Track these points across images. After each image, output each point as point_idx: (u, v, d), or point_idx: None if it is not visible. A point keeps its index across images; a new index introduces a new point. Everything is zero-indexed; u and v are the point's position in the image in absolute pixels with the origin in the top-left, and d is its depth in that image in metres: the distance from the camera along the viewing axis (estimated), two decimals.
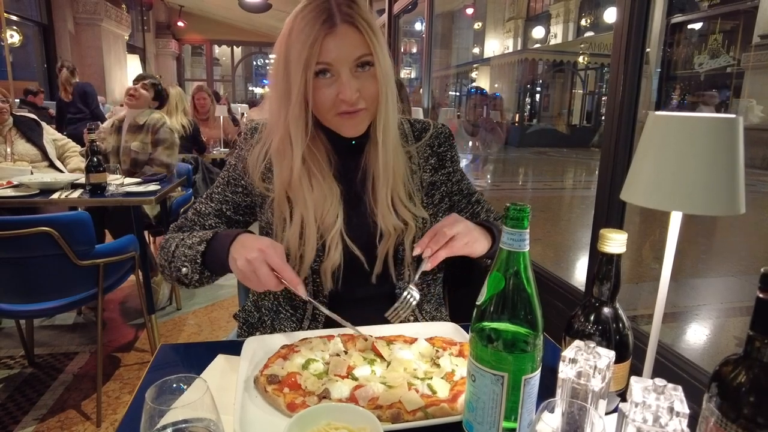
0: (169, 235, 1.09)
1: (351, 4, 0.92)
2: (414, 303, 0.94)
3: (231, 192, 1.09)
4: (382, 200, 1.02)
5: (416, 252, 0.95)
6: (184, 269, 0.97)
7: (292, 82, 0.92)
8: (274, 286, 0.87)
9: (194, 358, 0.89)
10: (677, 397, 0.55)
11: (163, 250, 1.06)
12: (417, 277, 0.96)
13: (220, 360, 0.87)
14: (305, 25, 0.90)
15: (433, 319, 1.12)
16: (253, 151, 1.05)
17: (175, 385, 0.57)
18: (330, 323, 1.01)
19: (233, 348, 0.91)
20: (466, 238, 0.94)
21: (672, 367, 0.98)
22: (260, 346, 0.89)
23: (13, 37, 7.82)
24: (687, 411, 0.53)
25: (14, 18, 7.91)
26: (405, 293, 0.95)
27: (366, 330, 0.93)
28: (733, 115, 0.65)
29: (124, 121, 3.05)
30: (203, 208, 1.10)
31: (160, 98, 3.18)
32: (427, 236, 0.94)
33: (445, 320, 1.15)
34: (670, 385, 0.56)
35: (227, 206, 1.09)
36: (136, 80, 3.10)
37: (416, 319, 1.09)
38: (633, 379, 0.59)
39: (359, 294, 1.06)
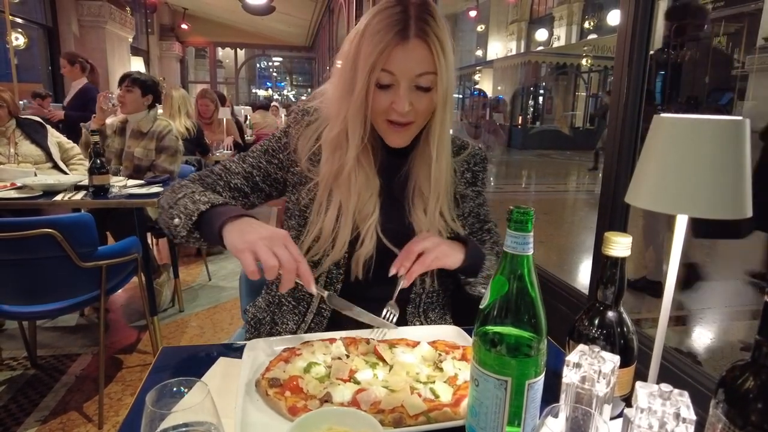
0: (186, 181, 1.09)
1: (428, 19, 0.93)
2: (394, 319, 0.96)
3: (266, 161, 1.10)
4: (419, 206, 1.04)
5: (392, 272, 0.96)
6: (176, 220, 0.96)
7: (357, 81, 0.95)
8: (290, 271, 0.85)
9: (196, 360, 0.88)
10: (683, 402, 0.54)
11: (171, 193, 1.05)
12: (396, 295, 0.98)
13: (222, 363, 0.86)
14: (380, 29, 0.92)
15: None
16: (305, 133, 1.08)
17: (175, 389, 0.57)
18: (333, 318, 1.01)
19: (235, 351, 0.90)
20: (434, 253, 0.96)
21: (677, 372, 0.97)
22: (262, 349, 0.89)
23: (18, 40, 7.84)
24: (693, 417, 0.52)
25: (19, 21, 7.94)
26: (384, 311, 0.97)
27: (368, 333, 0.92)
28: (740, 117, 0.65)
29: (127, 123, 3.04)
30: (233, 167, 1.10)
31: (151, 91, 3.00)
32: (400, 255, 0.97)
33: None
34: (676, 391, 0.55)
35: (258, 172, 1.10)
36: (120, 83, 2.99)
37: (421, 324, 1.09)
38: (638, 384, 0.58)
39: (379, 292, 1.05)
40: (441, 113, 0.98)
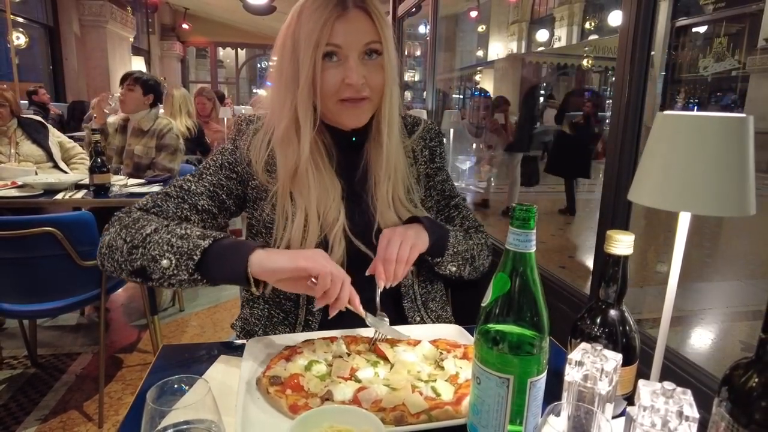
0: (139, 212, 0.94)
1: None
2: (387, 322, 0.92)
3: (225, 176, 1.02)
4: (382, 198, 1.00)
5: (388, 285, 0.93)
6: (165, 261, 0.83)
7: (301, 64, 0.91)
8: (345, 298, 0.83)
9: (196, 358, 0.88)
10: (686, 401, 0.54)
11: (124, 228, 0.89)
12: (378, 301, 0.94)
13: (223, 361, 0.86)
14: (317, 8, 0.90)
15: (438, 318, 1.11)
16: (254, 141, 1.02)
17: (176, 386, 0.56)
18: (325, 327, 0.99)
19: (236, 349, 0.90)
20: (408, 244, 0.93)
21: (679, 371, 0.96)
22: (263, 348, 0.88)
23: (20, 39, 7.85)
24: (696, 415, 0.52)
25: (20, 20, 7.95)
26: (378, 324, 0.91)
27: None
28: (743, 114, 0.64)
29: (128, 122, 3.04)
30: (193, 187, 0.99)
31: (153, 90, 3.00)
32: (379, 264, 0.92)
33: (450, 319, 1.14)
34: (679, 389, 0.55)
35: (221, 190, 1.01)
36: (121, 82, 2.99)
37: (422, 319, 1.09)
38: (641, 382, 0.58)
39: (362, 296, 1.04)
40: (389, 90, 0.96)
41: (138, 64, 11.84)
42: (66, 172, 3.00)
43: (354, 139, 1.03)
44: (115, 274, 0.89)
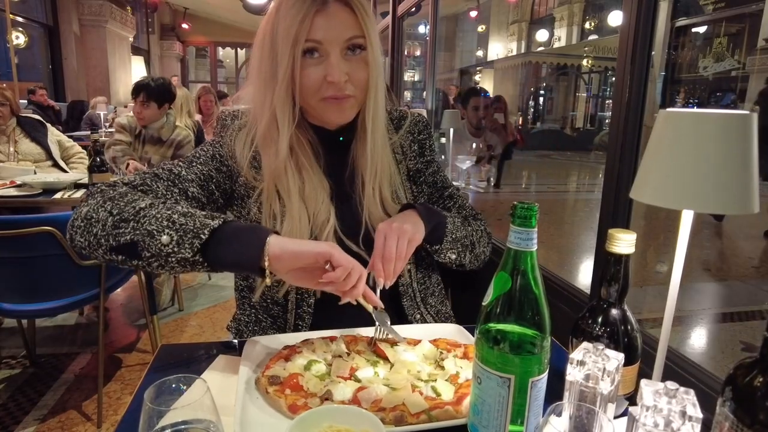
0: (125, 187, 0.87)
1: None
2: (388, 323, 0.89)
3: (215, 169, 0.98)
4: (369, 197, 0.98)
5: (387, 283, 0.89)
6: (165, 237, 0.75)
7: (279, 61, 0.88)
8: (361, 289, 0.80)
9: (195, 358, 0.87)
10: (689, 401, 0.54)
11: (111, 201, 0.81)
12: (378, 300, 0.89)
13: (221, 360, 0.86)
14: (295, 2, 0.86)
15: (438, 313, 1.11)
16: (239, 138, 0.99)
17: (174, 386, 0.56)
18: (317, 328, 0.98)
19: (234, 349, 0.90)
20: (405, 239, 0.89)
21: (681, 371, 0.96)
22: (262, 347, 0.88)
23: (19, 39, 7.85)
24: (700, 415, 0.52)
25: (20, 19, 7.95)
26: (377, 324, 0.89)
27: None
28: (747, 112, 0.64)
29: (145, 129, 3.03)
30: (183, 173, 0.94)
31: (166, 99, 3.00)
32: (378, 262, 0.89)
33: (449, 314, 1.14)
34: (682, 389, 0.54)
35: (211, 181, 0.97)
36: (134, 94, 2.95)
37: (422, 316, 1.08)
38: (643, 382, 0.58)
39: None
40: (374, 87, 0.92)
41: (138, 64, 11.84)
42: (65, 171, 2.99)
43: (341, 138, 1.01)
44: (87, 251, 0.81)
